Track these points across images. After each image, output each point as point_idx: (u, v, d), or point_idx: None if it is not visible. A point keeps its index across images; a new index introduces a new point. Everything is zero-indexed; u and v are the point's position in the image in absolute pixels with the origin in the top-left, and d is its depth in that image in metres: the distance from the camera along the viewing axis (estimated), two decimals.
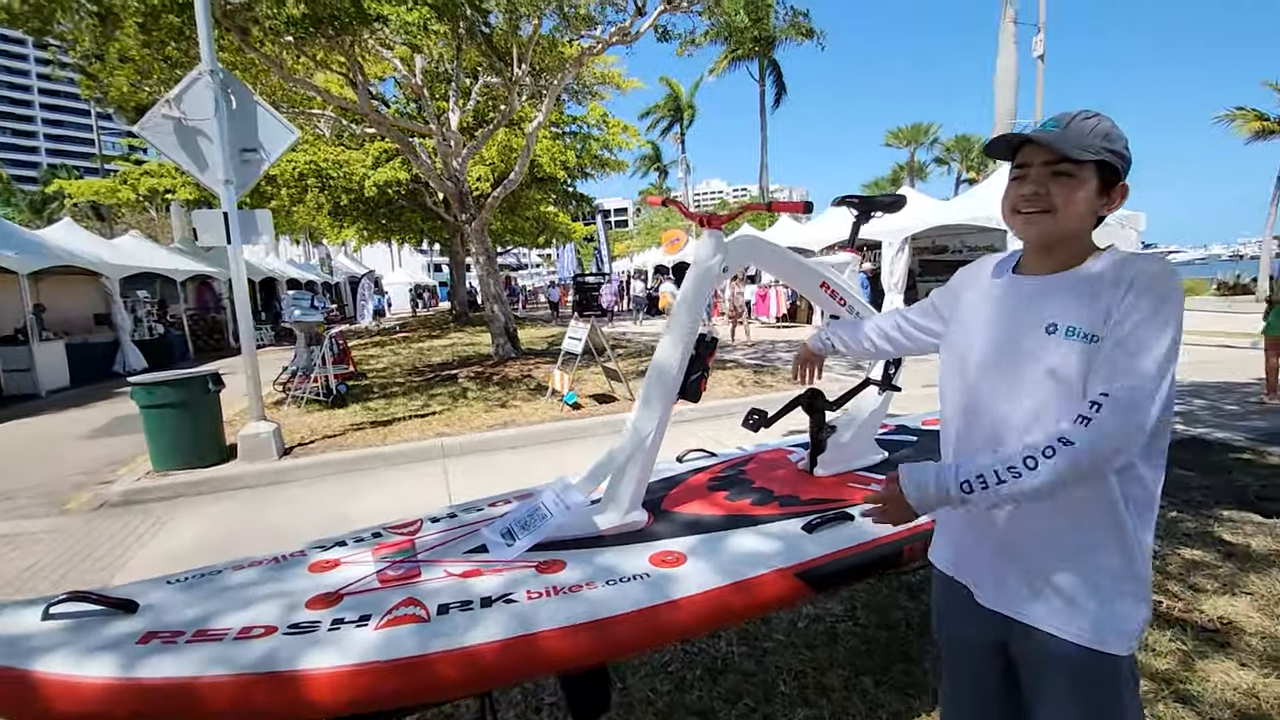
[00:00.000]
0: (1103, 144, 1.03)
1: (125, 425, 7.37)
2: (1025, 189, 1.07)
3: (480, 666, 1.29)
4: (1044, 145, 1.03)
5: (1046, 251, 1.10)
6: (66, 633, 1.28)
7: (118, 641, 1.26)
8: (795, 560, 1.62)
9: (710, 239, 1.85)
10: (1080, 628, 1.05)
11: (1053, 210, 1.05)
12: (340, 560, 1.67)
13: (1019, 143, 1.07)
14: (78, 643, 1.25)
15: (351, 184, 15.25)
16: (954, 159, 35.54)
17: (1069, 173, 1.03)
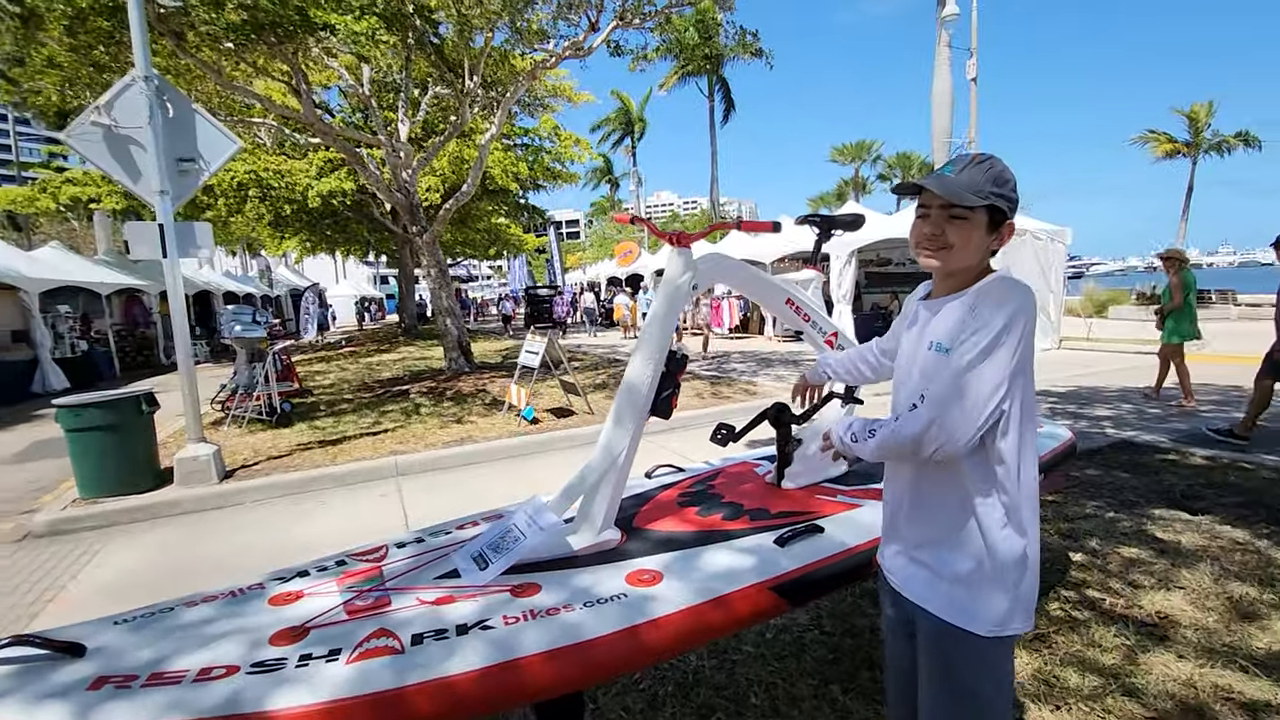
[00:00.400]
0: (992, 189, 1.17)
1: (46, 449, 6.87)
2: (926, 229, 1.23)
3: (459, 697, 1.25)
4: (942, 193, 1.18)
5: (945, 280, 1.28)
6: (9, 680, 1.18)
7: (67, 689, 1.17)
8: (770, 574, 1.65)
9: (680, 257, 1.87)
10: (946, 607, 1.24)
11: (950, 247, 1.21)
12: (303, 592, 1.60)
13: (920, 183, 1.21)
14: (22, 690, 1.16)
15: (294, 194, 14.73)
16: (896, 175, 37.05)
17: (963, 215, 1.19)
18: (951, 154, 19.36)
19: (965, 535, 1.23)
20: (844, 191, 34.27)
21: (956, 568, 1.23)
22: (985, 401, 1.13)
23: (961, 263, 1.22)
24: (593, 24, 8.62)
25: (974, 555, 1.22)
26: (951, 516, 1.24)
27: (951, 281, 1.26)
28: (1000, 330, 1.13)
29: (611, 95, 39.95)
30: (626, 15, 8.86)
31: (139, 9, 4.99)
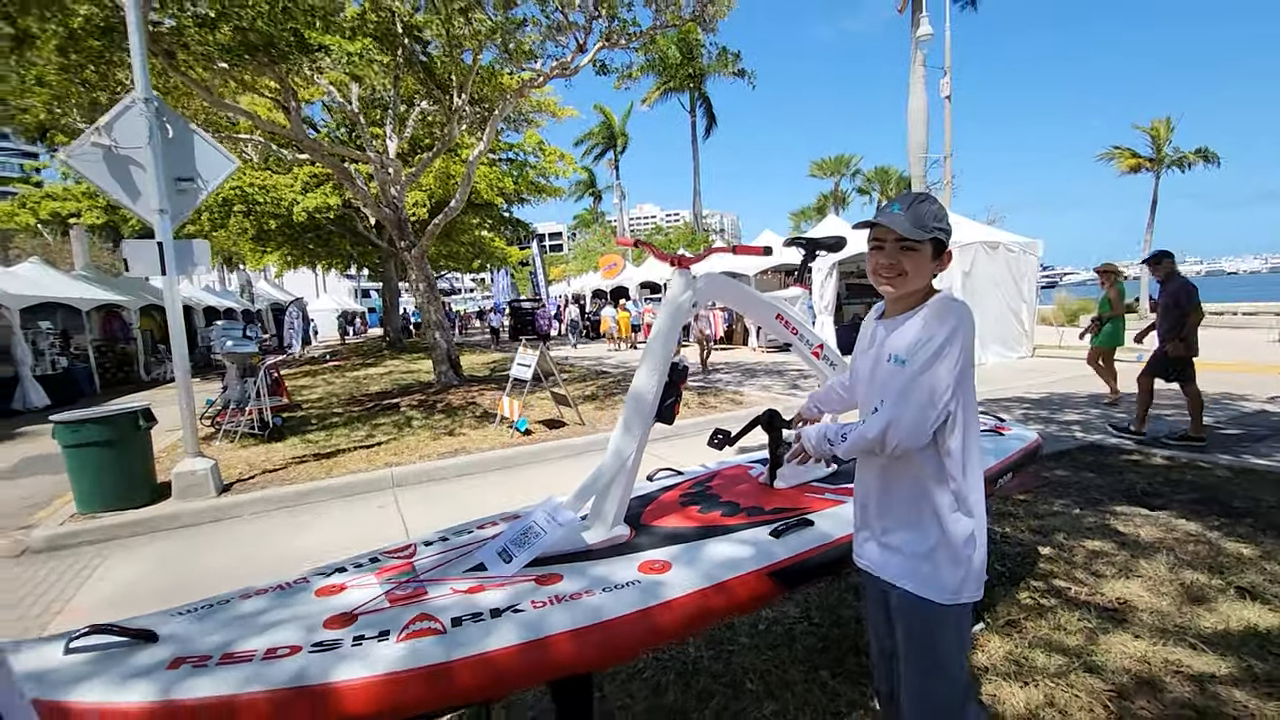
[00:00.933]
0: (935, 224, 1.41)
1: (36, 465, 6.86)
2: (883, 260, 1.46)
3: (499, 670, 1.42)
4: (896, 229, 1.41)
5: (896, 302, 1.51)
6: (94, 664, 1.32)
7: (148, 669, 1.31)
8: (767, 562, 1.83)
9: (680, 278, 2.07)
10: (910, 581, 1.46)
11: (904, 274, 1.44)
12: (345, 585, 1.75)
13: (876, 221, 1.45)
14: (108, 672, 1.30)
15: (279, 209, 14.77)
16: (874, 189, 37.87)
17: (914, 247, 1.42)
18: (927, 169, 19.97)
19: (924, 519, 1.45)
20: (824, 205, 34.98)
21: (919, 548, 1.45)
22: (935, 401, 1.35)
23: (913, 287, 1.45)
24: (580, 45, 8.87)
25: (932, 536, 1.44)
26: (912, 504, 1.46)
27: (903, 303, 1.49)
28: (944, 342, 1.35)
29: (595, 110, 40.39)
30: (613, 36, 9.13)
31: (139, 33, 5.12)
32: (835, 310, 14.24)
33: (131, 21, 5.06)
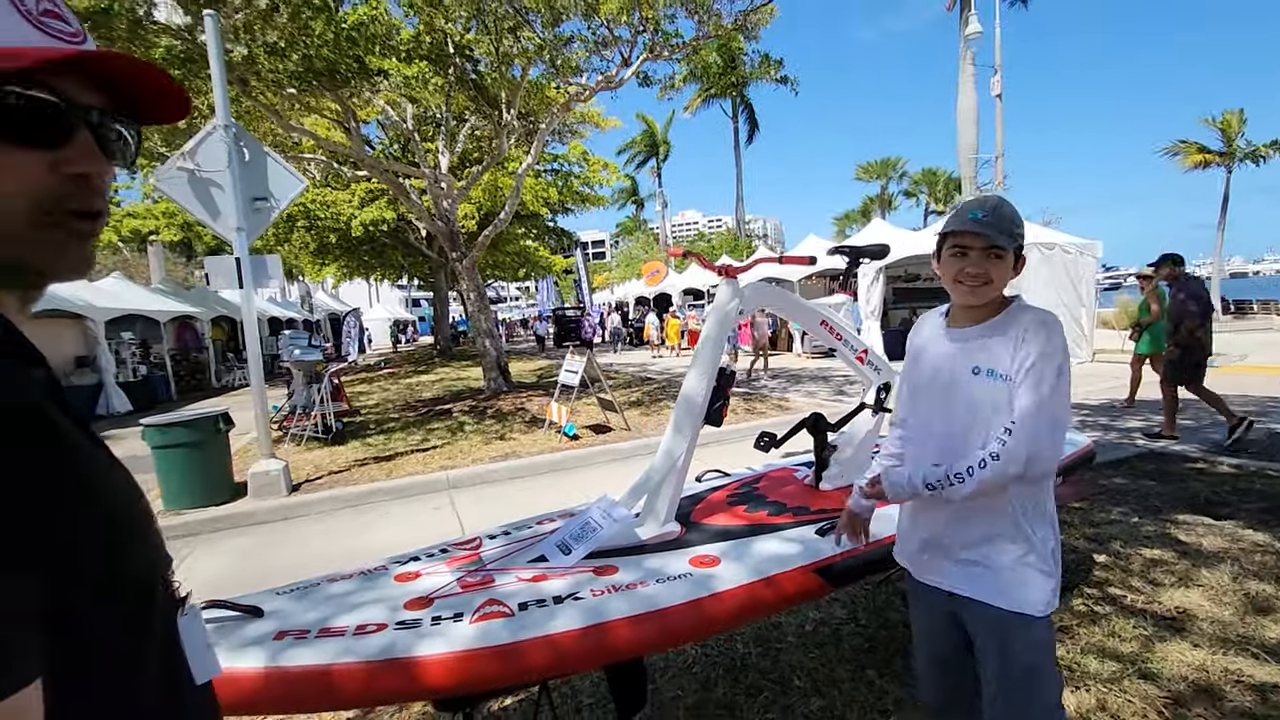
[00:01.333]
0: (1015, 230, 1.38)
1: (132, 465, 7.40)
2: (970, 267, 1.38)
3: (563, 651, 1.54)
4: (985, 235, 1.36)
5: (972, 310, 1.45)
6: (215, 633, 1.51)
7: (259, 639, 1.49)
8: (813, 559, 1.91)
9: (728, 286, 2.17)
10: (1004, 598, 1.40)
11: (990, 282, 1.39)
12: (420, 572, 1.91)
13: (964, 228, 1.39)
14: (225, 641, 1.48)
15: (338, 223, 15.50)
16: (922, 191, 37.07)
17: (1000, 254, 1.37)
18: (977, 169, 19.47)
19: (1014, 532, 1.41)
20: (869, 208, 34.40)
21: (1009, 561, 1.40)
22: (1067, 421, 1.34)
23: (996, 294, 1.40)
24: (625, 59, 9.07)
25: (1022, 548, 1.40)
26: (1003, 520, 1.41)
27: (980, 311, 1.42)
28: (1061, 356, 1.32)
29: (637, 119, 40.81)
30: (656, 49, 9.31)
31: (219, 64, 5.54)
32: (881, 315, 14.02)
33: (212, 54, 5.48)
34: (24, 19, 0.52)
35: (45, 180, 0.52)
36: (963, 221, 1.37)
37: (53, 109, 0.52)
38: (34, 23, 0.52)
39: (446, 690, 1.47)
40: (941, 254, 1.46)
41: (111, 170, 0.58)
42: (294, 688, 1.39)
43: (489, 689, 1.54)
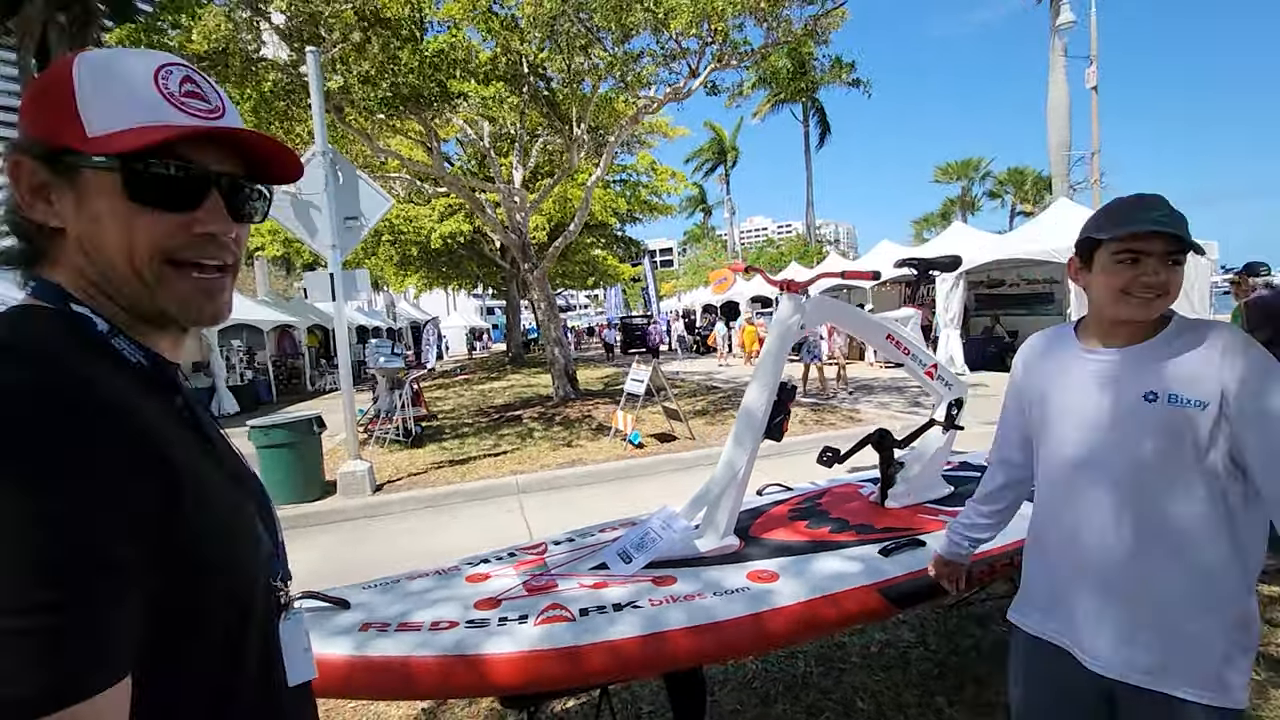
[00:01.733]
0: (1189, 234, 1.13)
1: None
2: (1147, 276, 1.13)
3: (623, 656, 1.60)
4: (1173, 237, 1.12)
5: (1131, 326, 1.20)
6: (308, 621, 1.66)
7: (347, 629, 1.63)
8: (876, 579, 1.88)
9: (790, 301, 2.18)
10: (1209, 690, 1.09)
11: (1168, 293, 1.15)
12: (489, 574, 2.02)
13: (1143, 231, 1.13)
14: (317, 628, 1.63)
15: (419, 237, 16.35)
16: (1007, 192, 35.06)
17: (1180, 261, 1.15)
18: (1070, 167, 18.28)
19: (1236, 600, 1.11)
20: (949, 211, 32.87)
21: (1215, 642, 1.10)
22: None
23: (1168, 306, 1.17)
24: (692, 70, 9.14)
25: (1238, 618, 1.11)
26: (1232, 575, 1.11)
27: (1137, 328, 1.20)
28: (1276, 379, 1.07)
29: (705, 126, 40.84)
30: (724, 58, 9.33)
31: (319, 95, 6.01)
32: (962, 323, 13.37)
33: (313, 86, 5.96)
34: (166, 100, 0.62)
35: (177, 238, 0.62)
36: (1140, 221, 1.13)
37: (185, 177, 0.62)
38: (175, 104, 0.62)
39: (512, 688, 1.56)
40: (1094, 261, 1.20)
41: (238, 228, 0.68)
42: (377, 676, 1.52)
43: (552, 689, 1.61)
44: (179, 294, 0.63)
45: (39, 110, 0.61)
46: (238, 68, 7.57)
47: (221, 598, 0.60)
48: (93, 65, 0.61)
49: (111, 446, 0.51)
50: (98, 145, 0.59)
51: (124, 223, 0.60)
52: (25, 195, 0.60)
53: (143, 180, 0.60)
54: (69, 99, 0.59)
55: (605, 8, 8.01)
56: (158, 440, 0.56)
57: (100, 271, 0.62)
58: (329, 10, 7.00)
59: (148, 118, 0.60)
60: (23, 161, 0.60)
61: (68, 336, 0.59)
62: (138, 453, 0.53)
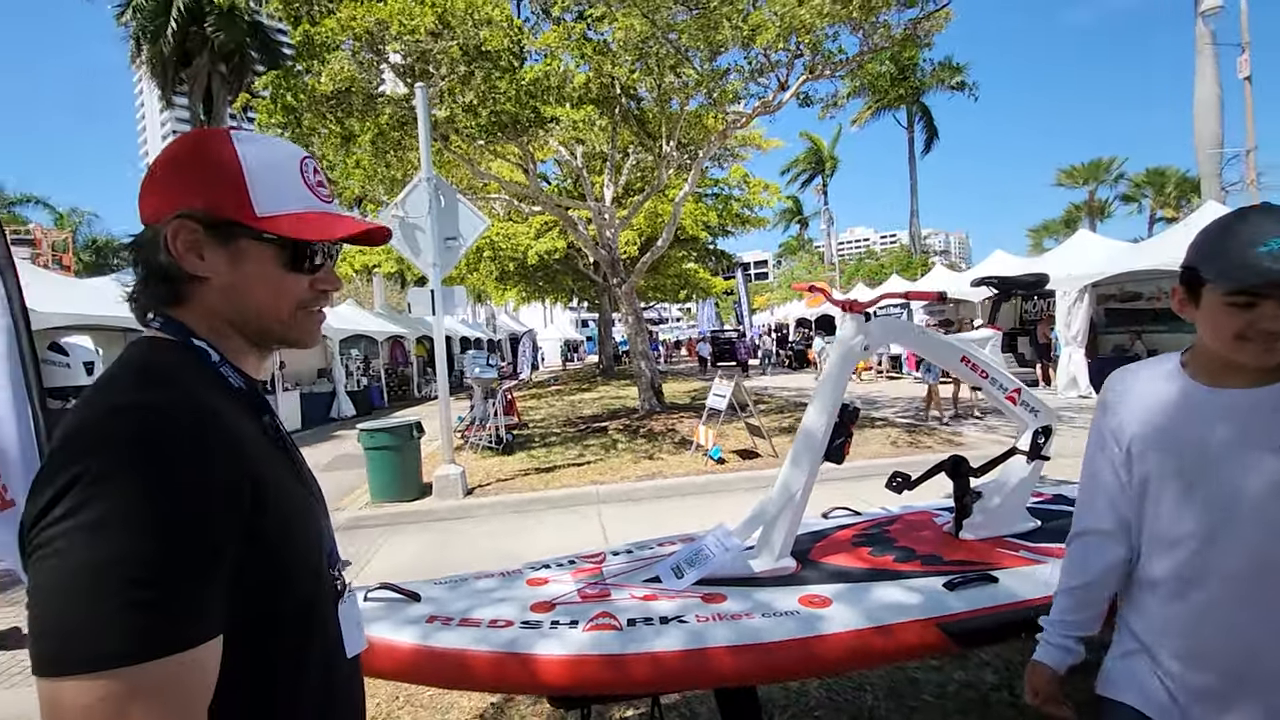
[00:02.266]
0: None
1: (345, 462, 8.85)
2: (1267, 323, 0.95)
3: (665, 668, 1.63)
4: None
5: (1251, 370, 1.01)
6: (382, 611, 1.83)
7: (415, 620, 1.78)
8: (936, 613, 1.80)
9: (852, 322, 2.14)
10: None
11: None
12: (548, 579, 2.12)
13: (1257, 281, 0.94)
14: (390, 618, 1.79)
15: (517, 253, 17.18)
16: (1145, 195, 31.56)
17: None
18: (1222, 166, 16.32)
19: None
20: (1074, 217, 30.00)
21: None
22: None
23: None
24: (782, 83, 9.07)
25: None
26: None
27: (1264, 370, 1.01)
28: None
29: (801, 137, 40.11)
30: (816, 69, 9.18)
31: (426, 128, 6.53)
32: (1088, 341, 12.23)
33: (421, 120, 6.49)
34: (309, 190, 0.79)
35: (309, 293, 0.80)
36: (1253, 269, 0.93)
37: (320, 251, 0.80)
38: (314, 192, 0.79)
39: (558, 688, 1.64)
40: (1201, 296, 1.02)
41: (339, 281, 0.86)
42: (437, 665, 1.65)
43: (596, 693, 1.67)
44: (305, 329, 0.82)
45: (206, 183, 0.74)
46: (359, 104, 8.37)
47: (294, 579, 0.72)
48: (257, 154, 0.76)
49: (219, 461, 0.65)
50: (265, 224, 0.74)
51: (274, 283, 0.77)
52: (181, 250, 0.73)
53: (295, 255, 0.77)
54: (240, 181, 0.74)
55: (693, 27, 8.14)
56: (252, 455, 0.69)
57: (239, 312, 0.77)
58: (437, 47, 7.58)
59: (301, 205, 0.77)
60: (188, 224, 0.73)
61: (190, 365, 0.74)
62: (236, 466, 0.66)
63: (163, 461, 0.60)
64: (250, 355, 0.81)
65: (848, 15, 7.78)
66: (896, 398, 12.88)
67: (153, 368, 0.72)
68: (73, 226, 30.54)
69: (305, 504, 0.79)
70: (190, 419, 0.65)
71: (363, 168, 10.40)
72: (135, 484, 0.59)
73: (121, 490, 0.58)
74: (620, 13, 8.30)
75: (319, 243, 0.79)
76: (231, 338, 0.78)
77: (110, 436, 0.62)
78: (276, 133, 8.82)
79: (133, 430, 0.62)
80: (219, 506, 0.62)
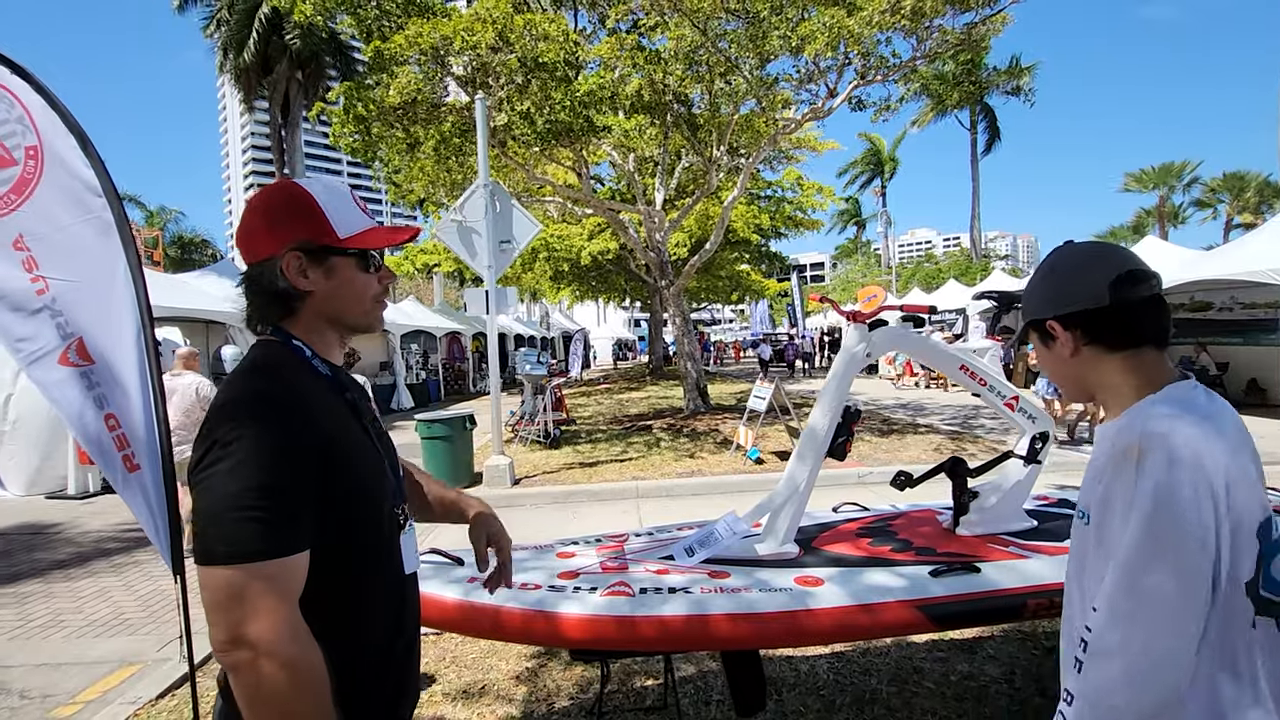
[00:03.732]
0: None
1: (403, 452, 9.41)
2: None
3: (669, 631, 1.89)
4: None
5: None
6: (431, 571, 2.16)
7: (458, 580, 2.09)
8: (918, 595, 1.99)
9: (855, 331, 2.34)
10: None
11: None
12: (575, 553, 2.41)
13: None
14: (437, 578, 2.11)
15: (570, 254, 17.67)
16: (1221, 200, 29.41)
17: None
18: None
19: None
20: (1143, 223, 28.22)
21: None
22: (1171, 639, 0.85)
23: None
24: (831, 90, 9.12)
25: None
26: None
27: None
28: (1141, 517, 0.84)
29: (860, 138, 39.34)
30: (867, 74, 9.19)
31: (484, 136, 6.96)
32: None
33: (480, 129, 6.92)
34: (361, 210, 1.07)
35: (377, 287, 1.09)
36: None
37: (380, 254, 1.09)
38: (367, 212, 1.08)
39: (576, 642, 1.92)
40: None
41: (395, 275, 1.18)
42: (476, 618, 1.95)
43: (609, 649, 1.94)
44: (377, 316, 1.11)
45: (301, 222, 1.01)
46: (424, 113, 8.92)
47: (365, 511, 1.00)
48: (323, 193, 1.02)
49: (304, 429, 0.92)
50: (350, 242, 1.02)
51: (358, 285, 1.06)
52: (294, 275, 1.00)
53: (366, 260, 1.06)
54: (321, 215, 1.01)
55: (742, 37, 8.32)
56: (330, 423, 0.97)
57: (336, 312, 1.05)
58: (496, 60, 8.03)
59: (364, 224, 1.05)
60: (293, 255, 1.00)
61: (290, 359, 1.02)
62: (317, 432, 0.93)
63: (267, 429, 0.88)
64: (335, 347, 1.08)
65: (897, 23, 7.79)
66: (946, 405, 12.67)
67: (266, 363, 1.00)
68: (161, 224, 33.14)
69: (375, 458, 1.05)
70: (285, 400, 0.93)
71: (426, 173, 11.01)
72: (250, 444, 0.87)
73: (243, 448, 0.86)
74: (673, 22, 8.56)
75: (380, 251, 1.08)
76: (325, 334, 1.06)
77: (235, 413, 0.91)
78: (348, 140, 9.51)
79: (248, 410, 0.91)
80: (304, 460, 0.90)
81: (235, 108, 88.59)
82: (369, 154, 10.01)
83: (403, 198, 12.64)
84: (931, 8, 7.81)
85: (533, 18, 7.86)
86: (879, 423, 10.22)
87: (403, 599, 1.09)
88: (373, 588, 1.02)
